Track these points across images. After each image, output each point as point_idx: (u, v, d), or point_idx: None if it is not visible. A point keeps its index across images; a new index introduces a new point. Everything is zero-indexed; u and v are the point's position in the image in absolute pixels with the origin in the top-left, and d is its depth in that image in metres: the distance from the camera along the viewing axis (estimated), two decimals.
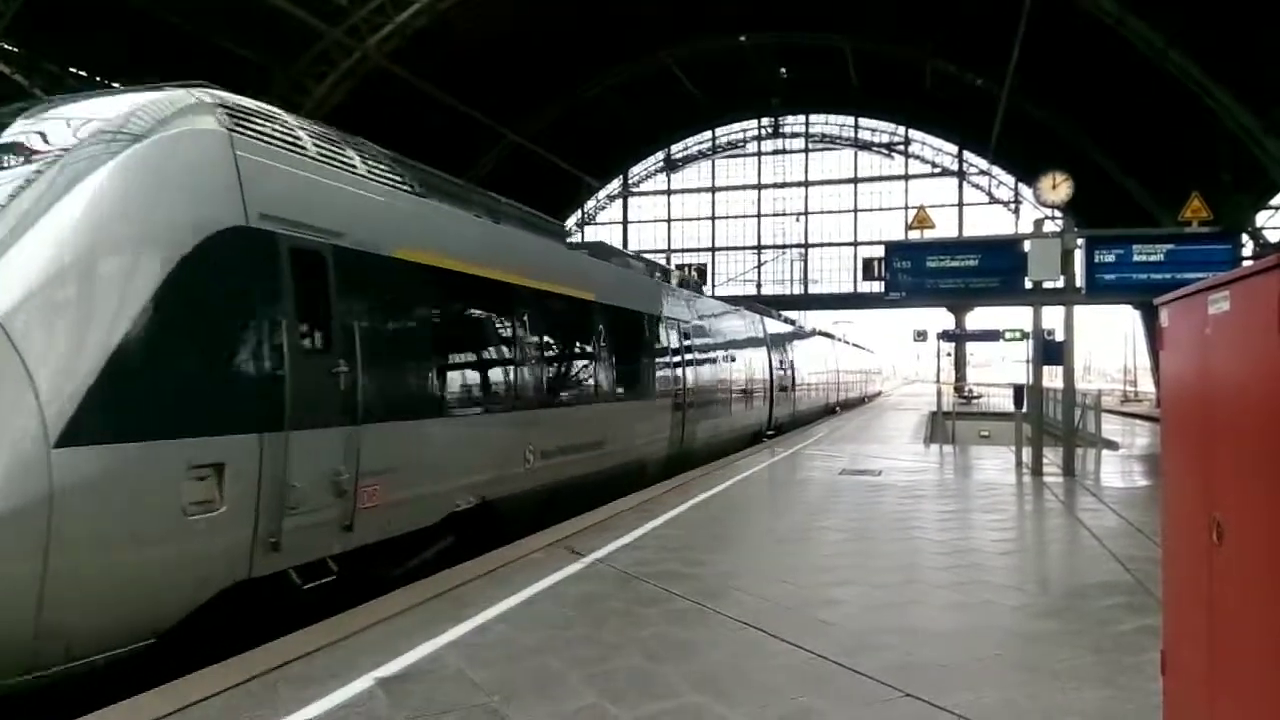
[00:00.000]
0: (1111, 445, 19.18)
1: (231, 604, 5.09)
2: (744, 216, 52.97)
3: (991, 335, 26.78)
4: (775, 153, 52.45)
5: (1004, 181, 47.57)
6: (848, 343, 46.36)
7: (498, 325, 8.65)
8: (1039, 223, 14.68)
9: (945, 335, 28.23)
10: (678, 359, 13.93)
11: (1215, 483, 2.65)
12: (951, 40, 33.24)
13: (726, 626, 5.33)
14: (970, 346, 48.21)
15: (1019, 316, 37.26)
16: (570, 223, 53.55)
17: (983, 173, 47.89)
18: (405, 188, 7.26)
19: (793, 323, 30.89)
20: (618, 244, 53.07)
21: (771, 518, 9.37)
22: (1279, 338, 2.13)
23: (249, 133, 5.58)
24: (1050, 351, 14.39)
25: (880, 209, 50.12)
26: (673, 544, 7.81)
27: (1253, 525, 2.34)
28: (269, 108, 6.33)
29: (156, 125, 5.03)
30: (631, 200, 54.45)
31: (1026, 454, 14.33)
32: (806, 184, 51.67)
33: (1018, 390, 16.61)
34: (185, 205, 5.00)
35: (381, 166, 7.10)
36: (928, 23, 32.72)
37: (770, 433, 21.29)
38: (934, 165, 49.30)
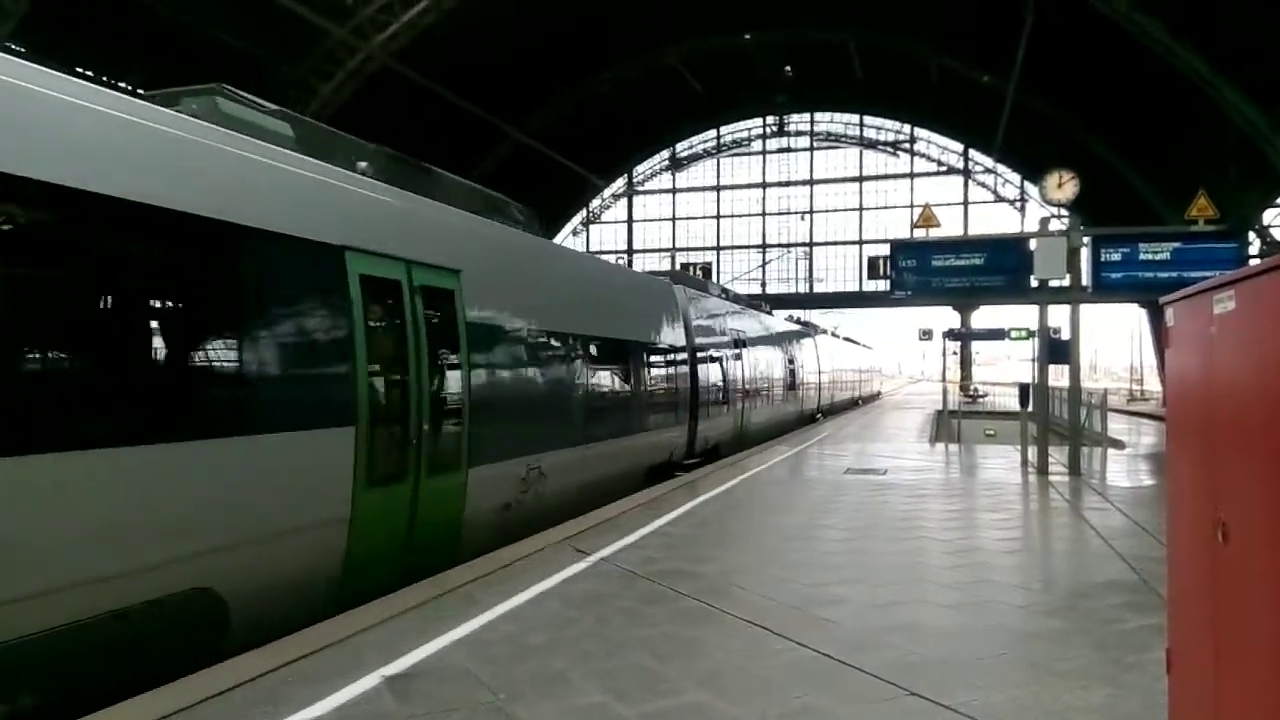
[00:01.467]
0: (1118, 444, 19.11)
1: None
2: (749, 215, 53.07)
3: (997, 334, 26.80)
4: (780, 151, 52.52)
5: (1010, 180, 47.58)
6: (836, 335, 41.48)
7: None
8: (1045, 221, 14.66)
9: (951, 334, 28.20)
10: (422, 343, 6.93)
11: (1220, 482, 2.65)
12: (958, 38, 33.22)
13: (731, 625, 5.33)
14: (976, 345, 48.10)
15: (1025, 315, 37.25)
16: (576, 221, 53.69)
17: (988, 171, 47.87)
18: None
19: (758, 306, 24.72)
20: (623, 243, 53.33)
21: (776, 516, 9.37)
22: None
23: None
24: (1056, 350, 14.37)
25: (885, 207, 50.16)
26: (678, 542, 7.83)
27: (1258, 525, 2.34)
28: None
29: None
30: (636, 199, 54.52)
31: (1032, 453, 14.30)
32: (811, 182, 51.70)
33: (1023, 389, 16.60)
34: None
35: None
36: (934, 20, 32.69)
37: (692, 461, 14.73)
38: (939, 164, 49.31)
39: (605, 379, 11.29)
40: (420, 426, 6.80)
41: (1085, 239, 13.35)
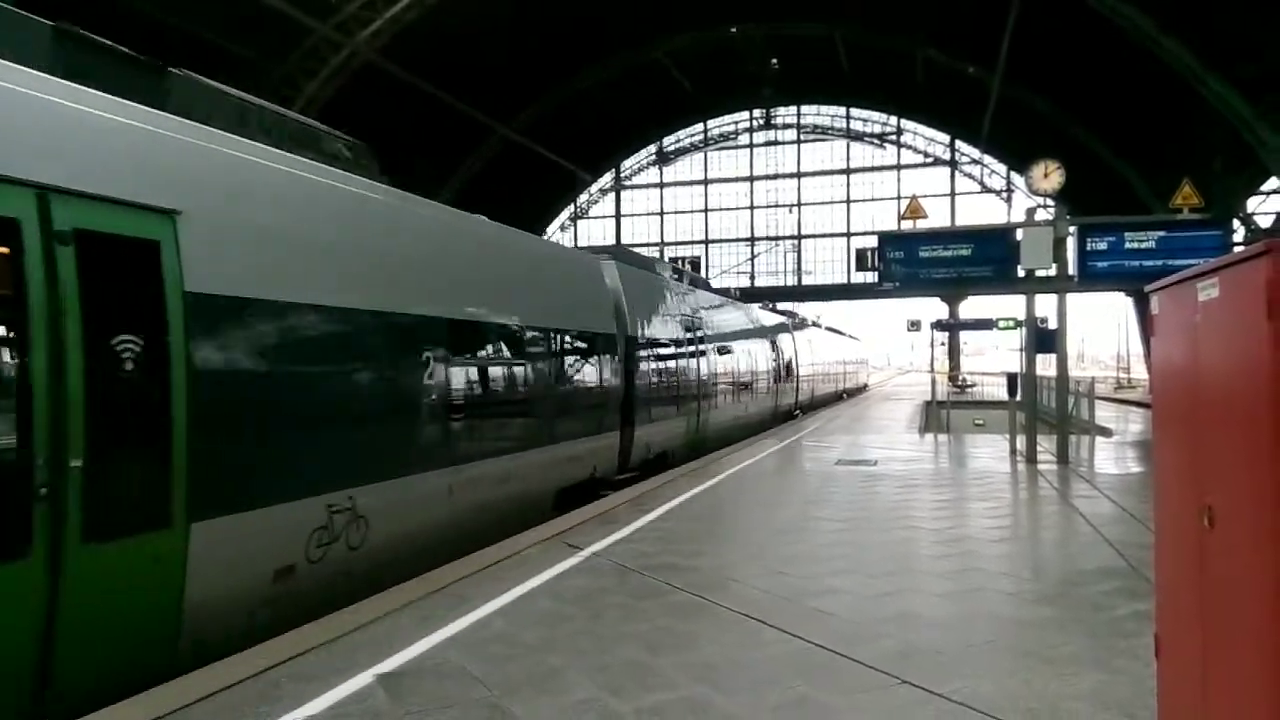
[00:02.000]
0: (1105, 432, 19.26)
1: None
2: (736, 209, 53.12)
3: (985, 324, 26.84)
4: (767, 144, 52.57)
5: (996, 170, 47.74)
6: (818, 325, 39.43)
7: None
8: (1031, 211, 14.73)
9: (938, 325, 28.27)
10: (69, 322, 4.15)
11: (1206, 468, 2.67)
12: (943, 29, 33.27)
13: (725, 618, 5.35)
14: (964, 335, 48.25)
15: (1012, 305, 37.41)
16: (564, 216, 53.62)
17: (975, 162, 48.05)
18: None
19: (725, 293, 22.98)
20: (611, 238, 53.32)
21: (768, 509, 9.40)
22: (1267, 324, 2.15)
23: None
24: (1043, 339, 14.45)
25: (873, 199, 50.29)
26: (670, 536, 7.84)
27: (1244, 511, 2.36)
28: None
29: None
30: (624, 193, 54.49)
31: (1021, 442, 14.39)
32: (799, 175, 51.77)
33: (1011, 378, 16.68)
34: None
35: None
36: (920, 11, 32.73)
37: (626, 475, 12.31)
38: (926, 155, 49.45)
39: (478, 377, 8.44)
40: (58, 461, 4.02)
41: (1071, 228, 13.44)
